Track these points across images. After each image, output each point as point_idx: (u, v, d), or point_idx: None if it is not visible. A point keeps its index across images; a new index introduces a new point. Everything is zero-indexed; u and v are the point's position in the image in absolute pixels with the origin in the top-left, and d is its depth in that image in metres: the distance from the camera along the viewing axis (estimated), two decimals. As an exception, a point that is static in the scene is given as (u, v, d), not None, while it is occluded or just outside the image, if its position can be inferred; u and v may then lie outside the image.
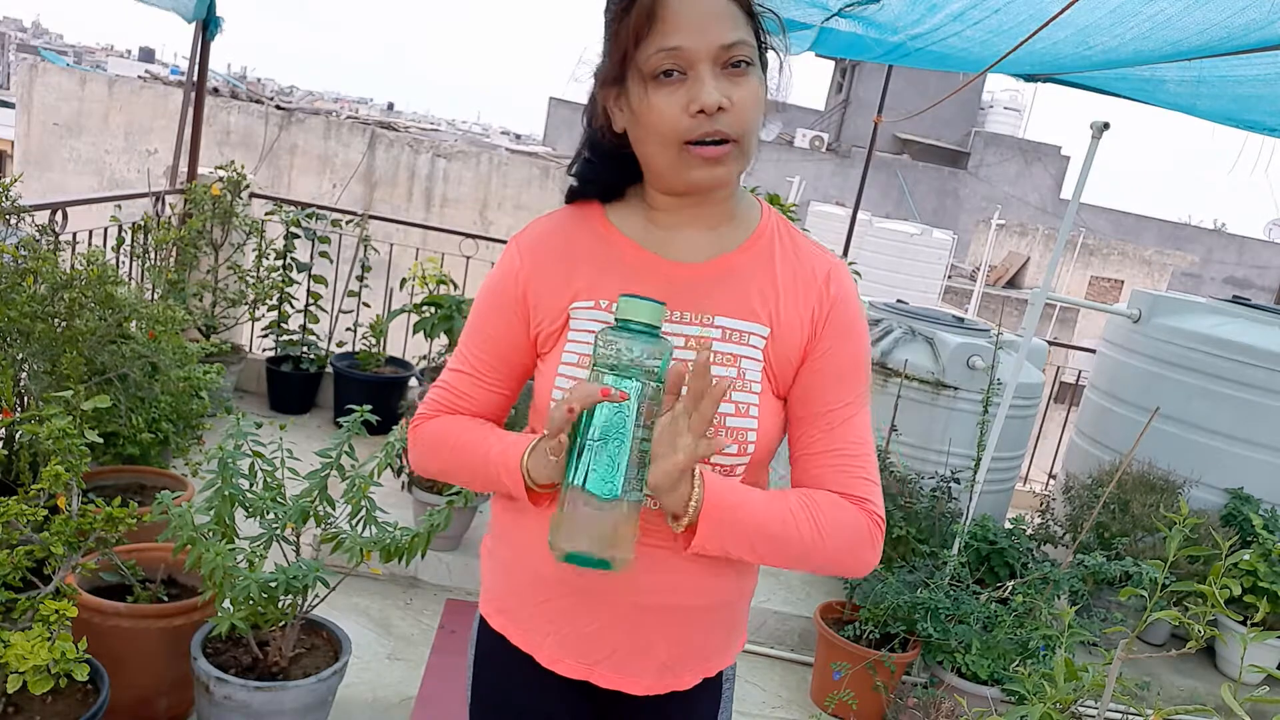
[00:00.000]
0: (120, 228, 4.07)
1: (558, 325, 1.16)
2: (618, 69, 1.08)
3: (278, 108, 13.31)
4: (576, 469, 1.00)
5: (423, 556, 2.32)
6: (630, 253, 1.16)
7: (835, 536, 1.10)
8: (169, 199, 4.56)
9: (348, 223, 4.83)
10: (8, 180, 3.01)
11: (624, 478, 0.98)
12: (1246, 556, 3.26)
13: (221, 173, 4.65)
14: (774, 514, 1.08)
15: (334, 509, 2.33)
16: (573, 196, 1.22)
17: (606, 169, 1.18)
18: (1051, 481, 5.41)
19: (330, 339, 4.91)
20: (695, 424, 0.98)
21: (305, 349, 4.74)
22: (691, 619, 1.17)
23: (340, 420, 2.44)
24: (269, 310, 4.71)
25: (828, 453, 1.15)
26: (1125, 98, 4.38)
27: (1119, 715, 2.86)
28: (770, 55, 1.14)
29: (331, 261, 4.75)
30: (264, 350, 4.98)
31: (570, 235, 1.18)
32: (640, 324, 1.01)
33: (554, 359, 1.15)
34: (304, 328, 4.79)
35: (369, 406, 2.42)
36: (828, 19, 4.00)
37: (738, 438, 1.11)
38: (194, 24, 4.57)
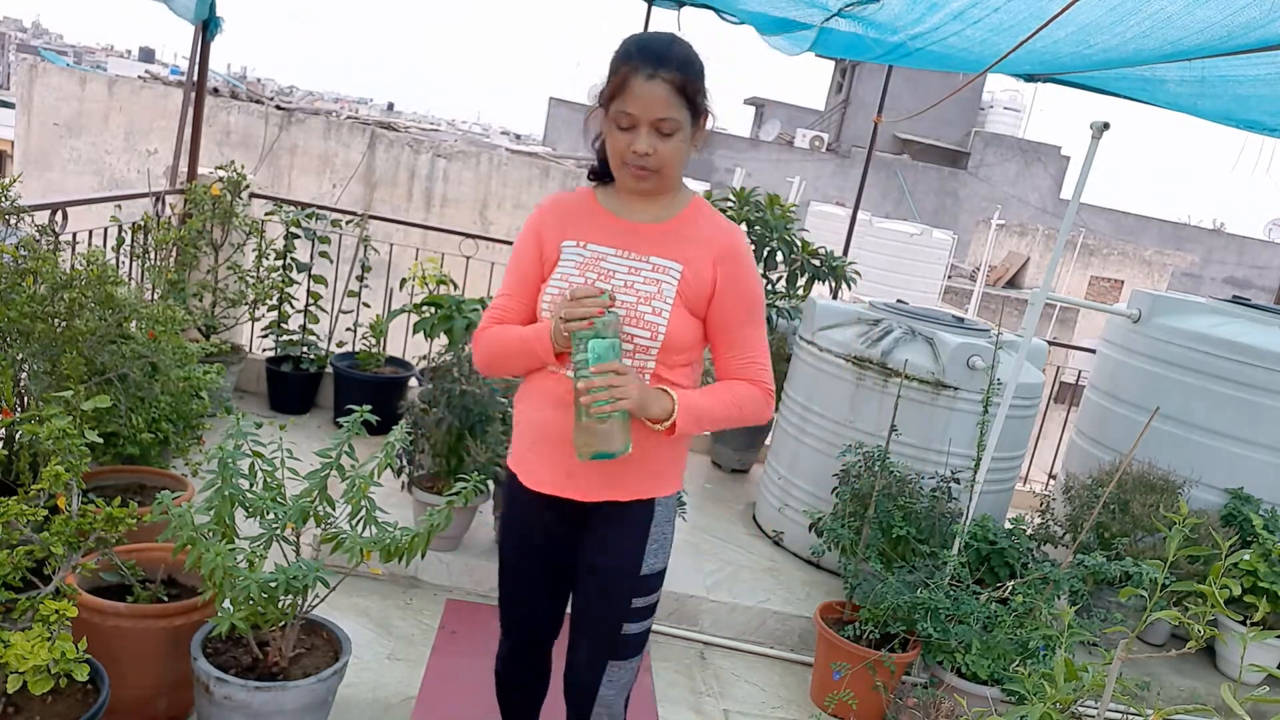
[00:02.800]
0: (120, 228, 4.07)
1: (554, 258, 1.86)
2: (605, 104, 1.75)
3: (278, 108, 13.31)
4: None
5: (423, 556, 2.31)
6: (603, 214, 1.87)
7: (747, 405, 1.86)
8: (169, 199, 4.55)
9: (348, 223, 4.83)
10: (8, 180, 3.01)
11: None
12: (1246, 556, 3.26)
13: (221, 173, 4.65)
14: (716, 402, 1.83)
15: (334, 509, 2.33)
16: (591, 178, 1.94)
17: (603, 165, 1.88)
18: (1051, 481, 5.41)
19: (330, 339, 4.91)
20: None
21: (305, 349, 4.74)
22: (624, 460, 1.77)
23: (340, 420, 2.44)
24: (269, 310, 4.70)
25: (731, 354, 1.87)
26: (1125, 97, 4.38)
27: (1119, 715, 2.86)
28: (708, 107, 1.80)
29: (331, 261, 4.75)
30: (264, 350, 4.98)
31: (569, 203, 1.91)
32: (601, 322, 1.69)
33: (550, 271, 1.86)
34: (304, 328, 4.79)
35: (369, 406, 2.42)
36: (828, 19, 4.00)
37: (650, 327, 1.77)
38: (194, 24, 4.57)
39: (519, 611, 2.04)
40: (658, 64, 1.68)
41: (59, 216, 3.45)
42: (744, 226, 4.83)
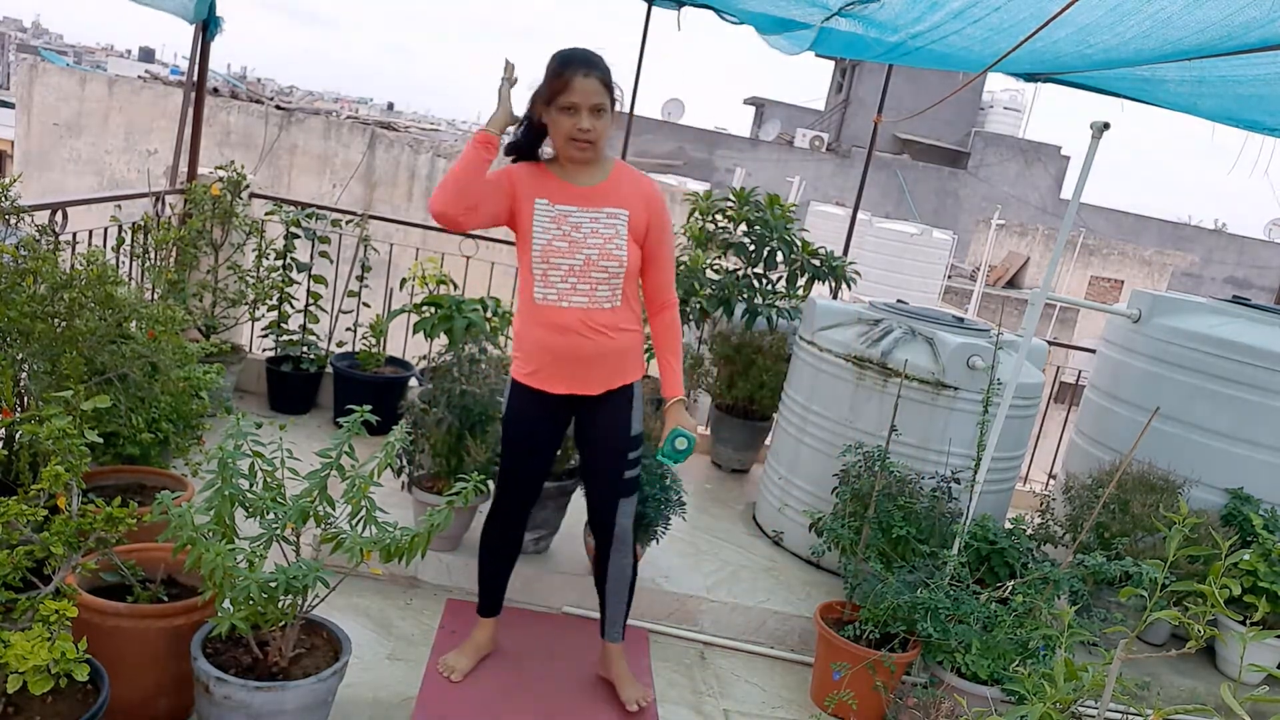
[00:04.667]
0: (120, 228, 4.07)
1: (528, 210, 2.48)
2: (547, 100, 2.42)
3: (278, 108, 13.31)
4: (670, 445, 2.59)
5: (423, 556, 2.32)
6: (558, 182, 2.51)
7: (679, 336, 2.66)
8: (169, 199, 4.55)
9: (348, 223, 4.83)
10: (8, 180, 3.01)
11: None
12: (1246, 556, 3.26)
13: (221, 173, 4.65)
14: (677, 359, 2.65)
15: (334, 509, 2.33)
16: (511, 153, 2.56)
17: (530, 141, 2.53)
18: (1051, 481, 5.41)
19: (330, 339, 4.90)
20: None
21: (305, 349, 4.74)
22: (613, 361, 2.56)
23: (340, 420, 2.44)
24: (269, 310, 4.70)
25: (657, 269, 2.60)
26: (1126, 97, 4.38)
27: (1119, 715, 2.86)
28: (617, 96, 2.47)
29: (331, 261, 4.75)
30: (264, 350, 4.98)
31: (532, 172, 2.53)
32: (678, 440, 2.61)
33: (528, 222, 2.48)
34: (304, 328, 4.79)
35: (369, 406, 2.43)
36: (828, 19, 4.00)
37: (617, 259, 2.47)
38: (194, 24, 4.57)
39: (520, 477, 2.70)
40: (590, 67, 2.37)
41: (59, 216, 3.45)
42: (744, 226, 4.83)
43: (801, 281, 4.89)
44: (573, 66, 2.36)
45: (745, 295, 4.83)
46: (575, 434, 2.75)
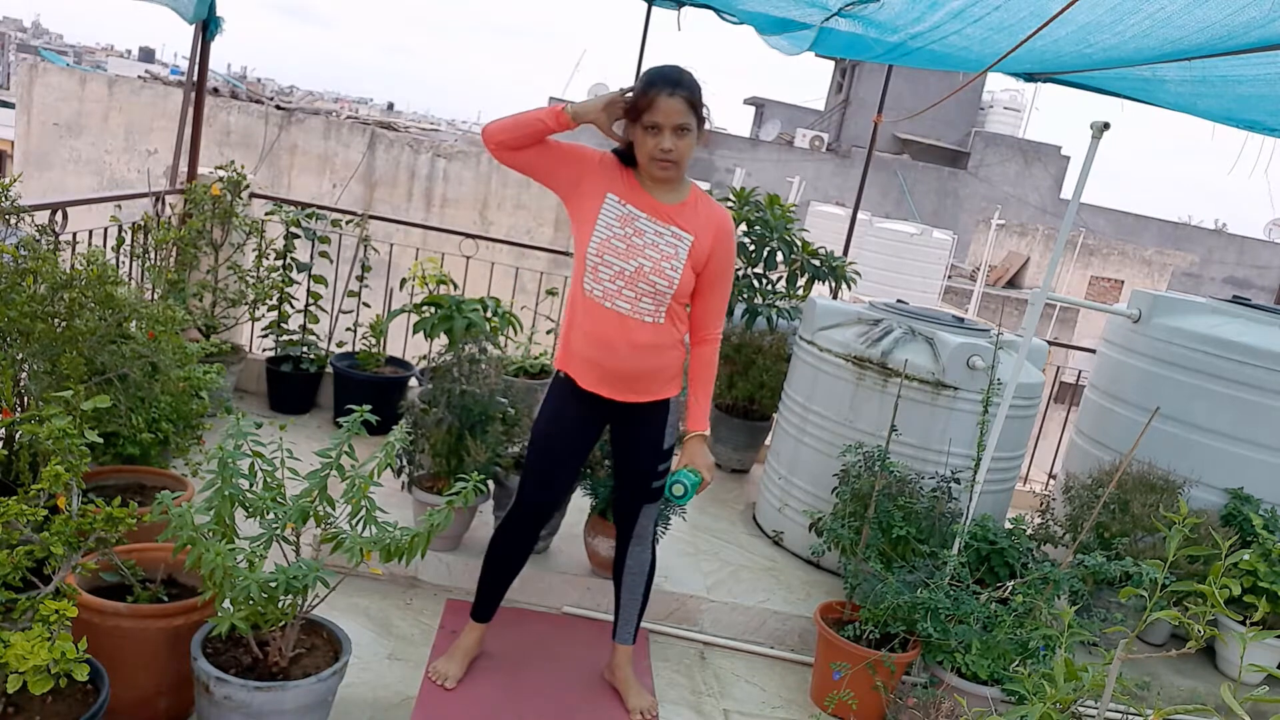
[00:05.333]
0: (120, 228, 4.07)
1: (597, 199, 2.48)
2: (633, 117, 2.41)
3: (278, 108, 13.31)
4: (669, 485, 2.58)
5: (423, 556, 2.32)
6: (638, 188, 2.50)
7: (712, 374, 2.66)
8: (169, 199, 4.55)
9: (348, 223, 4.82)
10: (8, 180, 3.01)
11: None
12: (1246, 556, 3.26)
13: (221, 173, 4.65)
14: (706, 394, 2.65)
15: (334, 509, 2.33)
16: (618, 156, 2.54)
17: (627, 153, 2.51)
18: (1051, 481, 5.41)
19: (330, 339, 4.90)
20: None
21: (305, 349, 4.74)
22: (649, 374, 2.55)
23: (340, 420, 2.44)
24: (269, 310, 4.70)
25: (709, 301, 2.59)
26: (1126, 97, 4.38)
27: (1119, 715, 2.86)
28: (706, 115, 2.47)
29: (331, 261, 4.75)
30: (264, 350, 4.98)
31: (617, 167, 2.53)
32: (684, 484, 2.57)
33: (593, 213, 2.47)
34: (304, 328, 4.79)
35: (369, 406, 2.42)
36: (828, 19, 4.00)
37: (668, 278, 2.46)
38: (194, 25, 4.57)
39: (544, 487, 2.69)
40: (676, 86, 2.36)
41: (59, 216, 3.45)
42: (744, 226, 4.83)
43: (801, 281, 4.89)
44: (658, 85, 2.34)
45: (745, 295, 4.83)
46: (610, 440, 2.76)
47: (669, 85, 2.34)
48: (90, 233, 3.91)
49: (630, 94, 2.40)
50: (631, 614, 2.84)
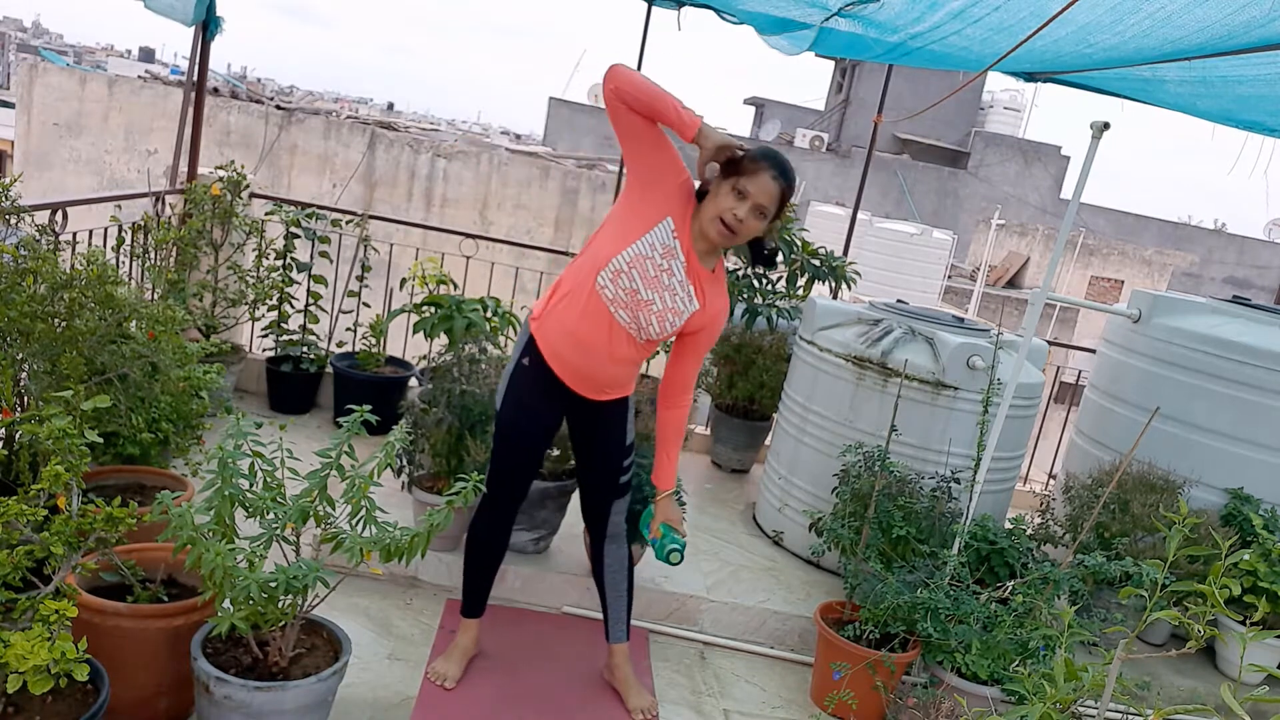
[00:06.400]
0: (120, 228, 4.07)
1: (658, 212, 2.42)
2: (728, 172, 2.38)
3: (278, 108, 13.31)
4: (663, 553, 2.72)
5: (423, 556, 2.32)
6: (689, 234, 2.46)
7: (681, 434, 2.74)
8: (169, 199, 4.55)
9: (348, 223, 4.82)
10: (8, 180, 3.00)
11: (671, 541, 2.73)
12: (1246, 556, 3.26)
13: (221, 173, 4.65)
14: (675, 455, 2.73)
15: (334, 509, 2.33)
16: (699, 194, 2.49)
17: (701, 195, 2.47)
18: (1051, 481, 5.41)
19: (330, 339, 4.90)
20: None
21: (305, 349, 4.74)
22: (616, 379, 2.60)
23: (340, 420, 2.44)
24: (269, 310, 4.70)
25: (685, 364, 2.65)
26: (1126, 97, 4.38)
27: (1119, 715, 2.86)
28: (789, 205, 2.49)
29: (331, 261, 4.75)
30: (264, 350, 4.98)
31: (689, 199, 2.46)
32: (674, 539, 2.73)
33: (647, 222, 2.42)
34: (304, 328, 4.79)
35: (369, 406, 2.42)
36: (828, 19, 4.00)
37: (664, 329, 2.50)
38: (193, 25, 4.57)
39: (517, 476, 2.72)
40: (783, 175, 2.39)
41: (59, 216, 3.45)
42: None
43: (801, 281, 4.89)
44: (770, 163, 2.36)
45: (745, 295, 4.83)
46: (570, 437, 2.79)
47: (778, 170, 2.37)
48: (90, 233, 3.91)
49: (742, 152, 2.38)
50: (620, 611, 2.85)
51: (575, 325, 2.48)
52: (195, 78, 4.74)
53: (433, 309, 4.17)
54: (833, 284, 4.95)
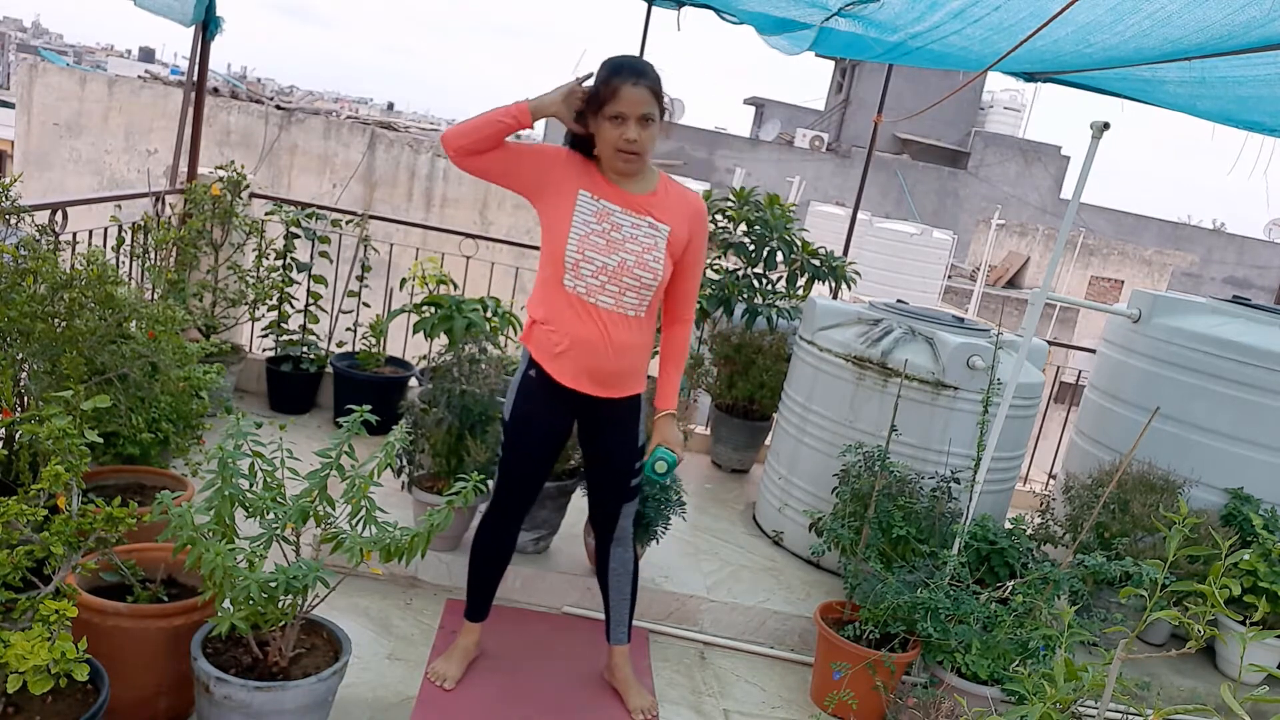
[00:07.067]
0: (120, 228, 4.07)
1: (568, 197, 2.42)
2: (595, 108, 2.36)
3: (278, 108, 13.31)
4: (650, 464, 2.61)
5: (423, 556, 2.32)
6: (605, 181, 2.45)
7: (685, 352, 2.69)
8: (169, 199, 4.55)
9: (348, 223, 4.82)
10: (8, 180, 3.00)
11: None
12: (1246, 556, 3.26)
13: (221, 173, 4.65)
14: (678, 373, 2.67)
15: (334, 509, 2.33)
16: (571, 144, 2.48)
17: (582, 143, 2.45)
18: (1051, 481, 5.41)
19: (330, 339, 4.90)
20: None
21: (305, 349, 4.74)
22: (624, 369, 2.52)
23: (340, 420, 2.44)
24: (269, 310, 4.70)
25: (684, 284, 2.59)
26: (1126, 97, 4.38)
27: (1119, 715, 2.86)
28: (666, 105, 2.43)
29: (331, 261, 4.75)
30: (264, 350, 4.98)
31: (583, 163, 2.46)
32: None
33: (566, 211, 2.41)
34: (304, 328, 4.79)
35: (369, 406, 2.42)
36: (827, 19, 4.00)
37: (651, 271, 2.44)
38: (193, 25, 4.57)
39: (526, 485, 2.69)
40: (639, 76, 2.32)
41: (59, 216, 3.45)
42: (744, 226, 4.83)
43: (801, 281, 4.89)
44: (621, 75, 2.31)
45: (745, 295, 4.83)
46: (580, 438, 2.75)
47: (633, 75, 2.31)
48: (90, 233, 3.91)
49: (590, 84, 2.35)
50: (622, 614, 2.84)
51: (569, 329, 2.46)
52: (195, 78, 4.74)
53: (433, 309, 4.17)
54: (833, 284, 4.95)
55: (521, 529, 3.38)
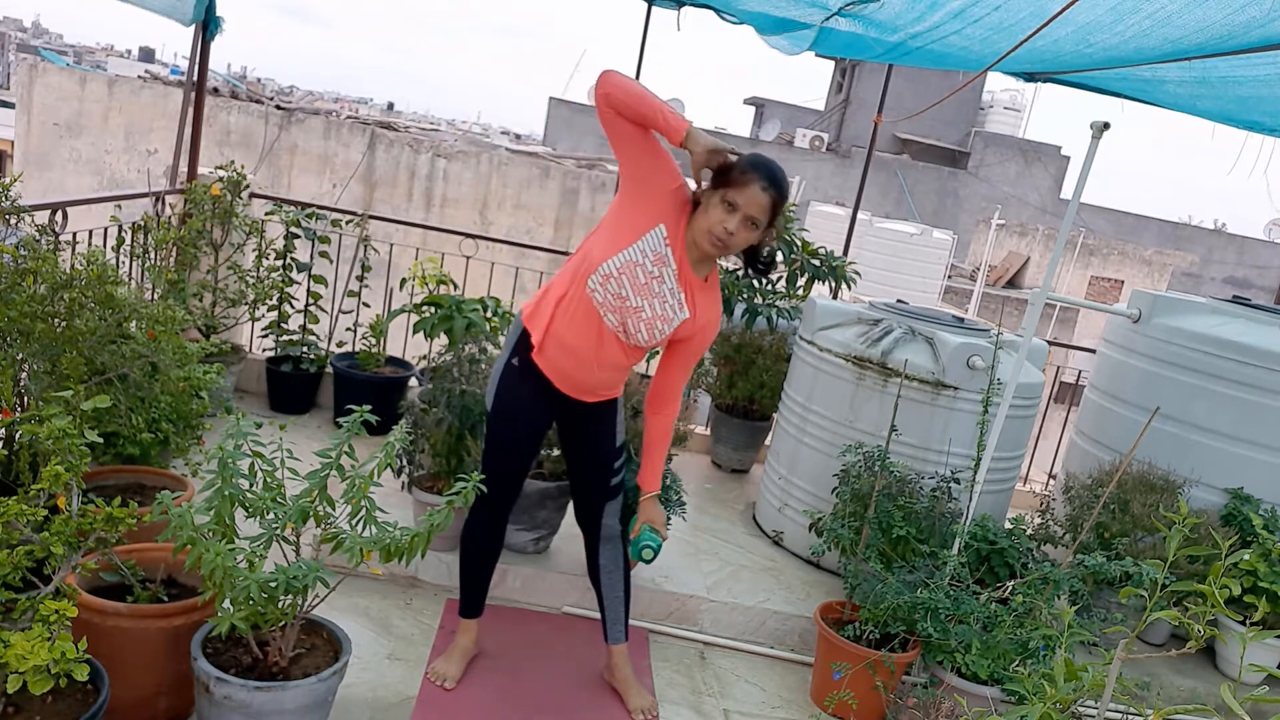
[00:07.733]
0: (120, 228, 4.07)
1: (650, 219, 2.39)
2: (718, 184, 2.35)
3: (278, 108, 13.31)
4: (637, 551, 2.69)
5: (423, 556, 2.32)
6: (684, 242, 2.43)
7: (668, 440, 2.73)
8: (169, 199, 4.55)
9: (348, 223, 4.82)
10: (8, 180, 3.01)
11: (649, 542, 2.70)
12: (1246, 556, 3.26)
13: (221, 173, 4.65)
14: (661, 459, 2.73)
15: (334, 509, 2.33)
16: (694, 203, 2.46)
17: (695, 202, 2.43)
18: (1051, 481, 5.41)
19: (330, 339, 4.90)
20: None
21: (305, 349, 4.74)
22: (601, 384, 2.57)
23: (340, 420, 2.44)
24: (269, 310, 4.70)
25: (674, 372, 2.66)
26: (1126, 97, 4.38)
27: (1119, 715, 2.86)
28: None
29: (331, 261, 4.75)
30: (264, 350, 4.98)
31: (685, 205, 2.43)
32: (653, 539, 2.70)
33: (638, 229, 2.39)
34: (304, 328, 4.79)
35: (369, 406, 2.42)
36: (828, 19, 4.00)
37: (653, 336, 2.47)
38: (193, 25, 4.57)
39: (509, 476, 2.71)
40: (773, 185, 2.33)
41: (59, 216, 3.45)
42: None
43: (801, 281, 4.89)
44: (758, 172, 2.32)
45: (745, 295, 4.82)
46: (560, 438, 2.80)
47: (768, 179, 2.32)
48: (90, 233, 3.91)
49: (733, 158, 2.34)
50: (618, 612, 2.84)
51: (564, 329, 2.47)
52: (195, 78, 4.74)
53: (433, 309, 4.17)
54: (833, 284, 4.95)
55: (522, 529, 3.39)
